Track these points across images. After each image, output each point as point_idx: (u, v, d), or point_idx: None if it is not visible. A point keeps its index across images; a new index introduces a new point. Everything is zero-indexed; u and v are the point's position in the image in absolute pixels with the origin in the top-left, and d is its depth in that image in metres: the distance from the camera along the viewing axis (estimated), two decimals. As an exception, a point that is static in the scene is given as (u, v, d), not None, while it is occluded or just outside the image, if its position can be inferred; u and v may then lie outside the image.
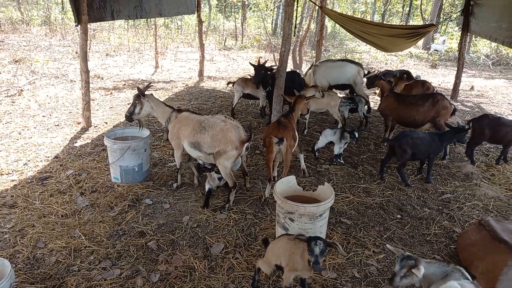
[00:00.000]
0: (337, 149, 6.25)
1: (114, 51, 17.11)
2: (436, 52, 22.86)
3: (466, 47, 22.87)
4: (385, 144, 6.91)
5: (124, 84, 11.46)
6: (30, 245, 3.87)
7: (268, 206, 4.84)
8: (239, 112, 9.00)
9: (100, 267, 3.60)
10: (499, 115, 6.73)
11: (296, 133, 5.04)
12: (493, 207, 5.05)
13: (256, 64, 7.45)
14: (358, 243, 4.16)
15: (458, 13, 12.39)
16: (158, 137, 7.12)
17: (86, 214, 4.48)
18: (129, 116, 5.00)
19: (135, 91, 5.05)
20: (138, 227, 4.28)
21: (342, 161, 6.30)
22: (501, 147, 6.50)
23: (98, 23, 16.51)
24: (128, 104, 9.33)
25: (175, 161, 5.13)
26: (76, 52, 15.19)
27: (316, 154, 6.47)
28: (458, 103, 10.80)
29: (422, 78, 10.16)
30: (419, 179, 5.87)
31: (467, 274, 2.64)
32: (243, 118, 8.59)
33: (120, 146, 5.05)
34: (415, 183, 5.71)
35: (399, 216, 4.77)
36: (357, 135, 6.20)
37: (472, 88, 13.20)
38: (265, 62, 7.64)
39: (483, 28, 9.27)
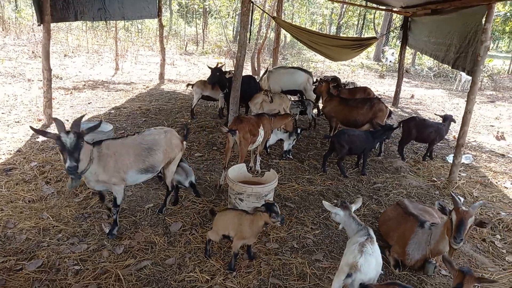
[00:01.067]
0: (286, 146, 6.98)
1: (72, 52, 17.03)
2: (391, 62, 24.44)
3: (413, 59, 24.89)
4: (327, 140, 7.71)
5: (84, 85, 11.60)
6: (0, 225, 4.19)
7: (223, 193, 5.41)
8: (199, 113, 9.52)
9: (68, 243, 4.00)
10: (424, 118, 7.74)
11: (261, 132, 5.64)
12: (414, 194, 5.93)
13: (213, 67, 8.04)
14: (298, 222, 4.83)
15: (398, 28, 13.63)
16: (120, 134, 7.48)
17: (52, 200, 4.82)
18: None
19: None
20: (102, 211, 4.69)
21: (290, 157, 7.03)
22: (427, 145, 7.51)
23: (55, 24, 16.38)
24: (89, 103, 9.60)
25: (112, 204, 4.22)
26: (33, 52, 15.04)
27: (268, 150, 7.14)
28: (398, 109, 11.96)
29: (368, 86, 11.15)
30: (356, 172, 6.68)
31: (371, 233, 3.33)
32: (202, 118, 9.11)
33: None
34: (352, 175, 6.51)
35: (335, 201, 5.51)
36: (299, 132, 7.05)
37: (412, 96, 14.55)
38: (222, 65, 8.23)
39: (418, 42, 10.45)
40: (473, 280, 2.76)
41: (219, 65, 8.16)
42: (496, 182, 6.61)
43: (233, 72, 7.66)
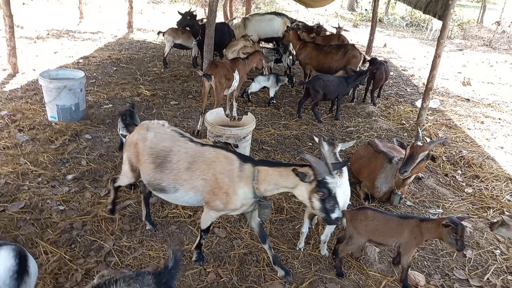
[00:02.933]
0: (273, 92, 7.13)
1: (31, -1, 15.87)
2: (366, 10, 24.14)
3: (386, 9, 24.77)
4: (302, 87, 7.82)
5: (48, 34, 10.97)
6: (-24, 172, 4.15)
7: (201, 138, 5.49)
8: (172, 62, 9.31)
9: (49, 186, 4.03)
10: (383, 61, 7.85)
11: (236, 76, 5.62)
12: (385, 136, 6.22)
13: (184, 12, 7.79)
14: (275, 163, 5.02)
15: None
16: (91, 83, 7.27)
17: (27, 147, 4.76)
18: None
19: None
20: (80, 156, 4.70)
21: (274, 102, 7.17)
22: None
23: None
24: (55, 53, 9.17)
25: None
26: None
27: (249, 97, 7.19)
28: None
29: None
30: (329, 117, 6.88)
31: (344, 169, 3.53)
32: (175, 68, 8.94)
33: (56, 85, 5.27)
34: (327, 120, 6.71)
35: (310, 144, 5.73)
36: (293, 79, 7.32)
37: (385, 45, 14.70)
38: (194, 11, 7.97)
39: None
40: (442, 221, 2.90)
41: (191, 10, 7.91)
42: (460, 124, 7.00)
43: (206, 19, 7.46)
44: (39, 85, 6.03)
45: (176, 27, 8.21)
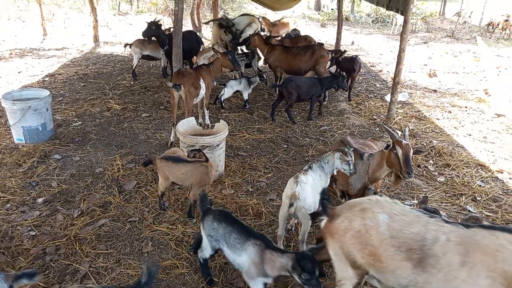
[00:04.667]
0: (246, 95, 7.16)
1: (-10, 19, 15.38)
2: (332, 10, 24.53)
3: (352, 7, 25.26)
4: (275, 89, 7.86)
5: (11, 54, 10.65)
6: None
7: (174, 149, 5.43)
8: (141, 74, 9.19)
9: (18, 211, 3.89)
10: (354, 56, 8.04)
11: (202, 84, 5.58)
12: (357, 133, 6.32)
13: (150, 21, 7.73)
14: (251, 168, 5.02)
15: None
16: (58, 101, 7.09)
17: (-7, 173, 4.59)
18: None
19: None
20: (50, 178, 4.56)
21: (248, 106, 7.20)
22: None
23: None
24: (19, 72, 8.90)
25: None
26: None
27: (223, 104, 7.16)
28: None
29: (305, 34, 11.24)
30: (302, 117, 6.93)
31: (312, 165, 3.55)
32: (145, 79, 8.83)
33: (20, 106, 5.11)
34: (300, 121, 6.76)
35: (285, 146, 5.75)
36: (264, 77, 7.24)
37: (352, 43, 14.97)
38: (159, 21, 7.91)
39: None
40: None
41: (156, 20, 7.85)
42: (429, 115, 7.19)
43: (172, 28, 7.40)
44: (2, 107, 5.84)
45: (143, 39, 8.13)
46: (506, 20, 16.62)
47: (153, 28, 7.65)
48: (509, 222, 4.03)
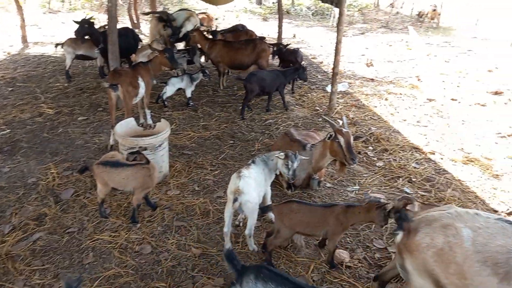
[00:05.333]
0: (189, 93, 7.00)
1: None
2: (274, 4, 24.72)
3: (292, 0, 25.66)
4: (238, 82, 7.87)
5: None
6: None
7: (115, 152, 5.20)
8: (76, 75, 8.69)
9: None
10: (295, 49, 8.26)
11: (141, 83, 5.36)
12: (301, 124, 6.45)
13: (81, 20, 7.32)
14: (198, 166, 4.94)
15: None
16: (-17, 109, 6.52)
17: None
18: None
19: None
20: (-23, 193, 4.18)
21: (192, 103, 7.03)
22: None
23: None
24: None
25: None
26: None
27: (165, 103, 6.96)
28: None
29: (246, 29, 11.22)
30: (248, 112, 6.93)
31: (256, 160, 3.57)
32: (81, 80, 8.36)
33: None
34: (245, 116, 6.75)
35: (231, 142, 5.73)
36: (206, 72, 7.10)
37: (294, 35, 15.22)
38: (91, 18, 7.51)
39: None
40: (372, 207, 3.02)
41: (88, 17, 7.44)
42: (368, 103, 7.50)
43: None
44: None
45: (76, 38, 7.67)
46: (434, 10, 17.75)
47: (86, 26, 7.24)
48: (442, 200, 4.32)
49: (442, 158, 5.32)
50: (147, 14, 9.10)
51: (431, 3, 18.58)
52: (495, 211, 4.15)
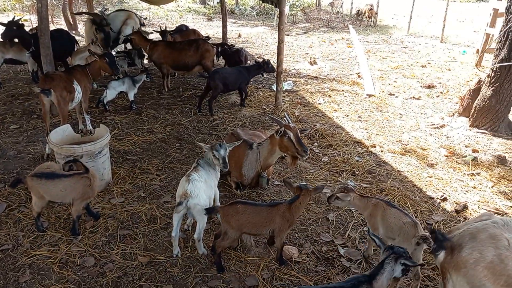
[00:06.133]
0: (132, 95, 6.78)
1: None
2: (218, 3, 24.60)
3: (236, 0, 25.71)
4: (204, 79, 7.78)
5: None
6: None
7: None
8: (7, 81, 8.09)
9: None
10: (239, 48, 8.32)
11: (77, 87, 5.08)
12: (249, 123, 6.47)
13: (8, 21, 6.83)
14: (143, 172, 4.78)
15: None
16: None
17: None
18: None
19: None
20: None
21: (135, 106, 6.83)
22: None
23: None
24: None
25: None
26: None
27: (107, 107, 6.66)
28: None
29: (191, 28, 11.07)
30: (194, 112, 6.84)
31: (200, 162, 3.53)
32: (12, 86, 7.79)
33: None
34: (192, 117, 6.67)
35: (178, 144, 5.62)
36: (148, 73, 7.06)
37: (239, 35, 15.28)
38: (19, 19, 7.02)
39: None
40: (309, 193, 3.23)
41: (16, 19, 6.94)
42: (312, 101, 7.71)
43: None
44: None
45: (3, 41, 7.13)
46: (371, 9, 18.65)
47: (14, 29, 6.75)
48: (383, 191, 4.53)
49: (382, 151, 5.59)
50: (78, 14, 8.61)
51: (367, 3, 19.50)
52: (431, 198, 4.43)
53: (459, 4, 30.14)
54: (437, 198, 4.42)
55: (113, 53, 8.04)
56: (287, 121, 4.16)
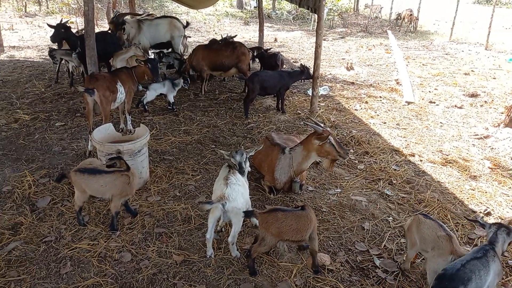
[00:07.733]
0: (171, 98, 6.96)
1: None
2: (255, 8, 24.90)
3: (273, 5, 25.83)
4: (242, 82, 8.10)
5: None
6: None
7: (94, 159, 5.09)
8: (53, 80, 8.49)
9: None
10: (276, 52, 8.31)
11: (120, 88, 5.27)
12: (283, 128, 6.46)
13: (56, 24, 7.19)
14: (179, 172, 4.88)
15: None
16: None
17: None
18: None
19: None
20: None
21: (175, 108, 7.00)
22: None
23: None
24: None
25: None
26: None
27: (146, 107, 6.88)
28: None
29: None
30: (230, 116, 6.90)
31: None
32: (58, 85, 8.17)
33: None
34: (227, 119, 6.73)
35: (213, 146, 5.69)
36: (188, 80, 7.18)
37: (275, 40, 15.31)
38: (67, 22, 7.37)
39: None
40: None
41: (63, 21, 7.30)
42: (348, 107, 7.59)
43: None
44: None
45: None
46: (411, 14, 18.16)
47: (62, 32, 7.10)
48: (421, 202, 4.38)
49: (421, 160, 5.41)
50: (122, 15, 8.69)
51: (407, 8, 19.00)
52: (474, 212, 4.24)
53: (505, 10, 28.80)
54: (480, 212, 4.22)
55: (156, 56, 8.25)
56: (324, 126, 4.12)
